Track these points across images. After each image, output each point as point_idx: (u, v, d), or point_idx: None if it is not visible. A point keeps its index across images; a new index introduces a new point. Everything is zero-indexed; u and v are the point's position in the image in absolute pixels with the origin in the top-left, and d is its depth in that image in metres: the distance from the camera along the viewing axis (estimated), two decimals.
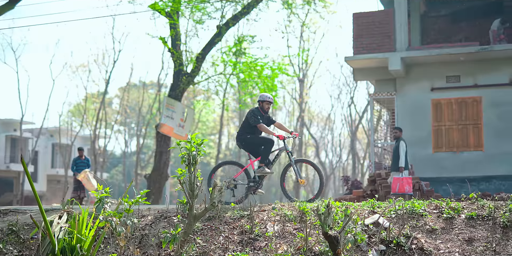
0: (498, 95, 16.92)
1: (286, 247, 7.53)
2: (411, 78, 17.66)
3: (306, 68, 45.31)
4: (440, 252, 7.42)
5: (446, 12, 21.57)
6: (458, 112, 17.10)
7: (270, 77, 18.67)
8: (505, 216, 7.91)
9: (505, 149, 16.63)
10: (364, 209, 8.63)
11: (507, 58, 16.88)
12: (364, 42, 17.66)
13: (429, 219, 8.14)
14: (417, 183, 14.03)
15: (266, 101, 10.81)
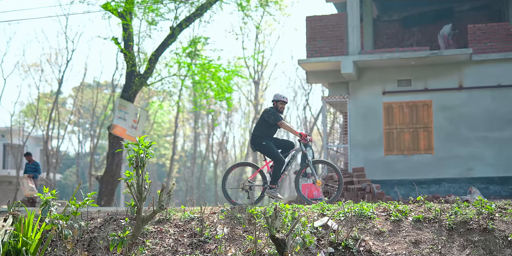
0: (447, 99, 17.24)
1: (235, 250, 7.52)
2: (363, 81, 17.86)
3: (261, 70, 45.43)
4: (388, 254, 7.50)
5: (398, 17, 21.91)
6: (409, 116, 17.37)
7: (224, 79, 18.66)
8: (450, 218, 8.05)
9: (454, 152, 16.96)
10: (313, 211, 8.68)
11: (457, 63, 17.22)
12: (317, 45, 17.80)
13: (377, 222, 8.23)
14: (368, 185, 14.18)
15: (281, 101, 10.58)
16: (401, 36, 22.08)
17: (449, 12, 21.05)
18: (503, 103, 16.84)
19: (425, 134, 17.23)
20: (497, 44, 17.03)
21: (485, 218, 7.99)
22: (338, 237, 7.68)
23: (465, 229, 7.86)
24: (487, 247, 7.47)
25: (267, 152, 10.34)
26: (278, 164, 10.23)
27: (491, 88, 17.00)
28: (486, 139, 16.84)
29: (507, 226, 7.83)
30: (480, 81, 17.10)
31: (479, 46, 17.10)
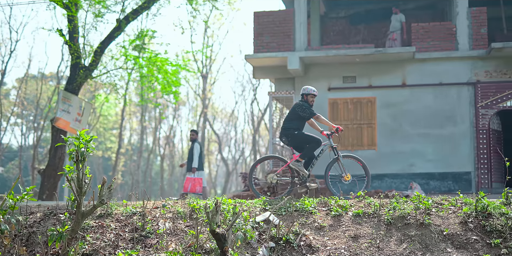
0: (391, 96, 17.55)
1: (176, 245, 7.52)
2: (309, 77, 18.03)
3: (209, 64, 45.30)
4: (327, 248, 7.62)
5: (345, 14, 22.17)
6: (354, 112, 17.62)
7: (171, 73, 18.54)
8: (389, 213, 8.22)
9: (396, 148, 17.28)
10: (256, 206, 8.74)
11: (400, 61, 17.54)
12: (265, 40, 17.88)
13: (318, 217, 8.34)
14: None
15: (311, 94, 10.45)
16: (348, 33, 22.35)
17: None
18: (444, 101, 17.24)
19: (368, 130, 17.51)
20: (440, 43, 17.41)
21: (422, 213, 8.19)
22: (279, 232, 7.76)
23: (402, 223, 8.04)
24: (423, 241, 7.66)
25: (301, 138, 10.26)
26: (316, 144, 10.22)
27: (433, 86, 17.38)
28: (427, 135, 17.22)
29: (443, 221, 8.04)
30: (422, 79, 17.46)
31: (422, 45, 17.45)
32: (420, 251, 7.49)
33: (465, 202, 8.58)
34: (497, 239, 7.56)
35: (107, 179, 7.04)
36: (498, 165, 16.93)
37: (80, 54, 16.54)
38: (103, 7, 17.00)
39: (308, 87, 10.45)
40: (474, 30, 17.34)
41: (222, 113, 58.62)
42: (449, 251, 7.46)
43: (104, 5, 16.91)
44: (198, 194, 14.09)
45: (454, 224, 7.96)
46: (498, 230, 7.72)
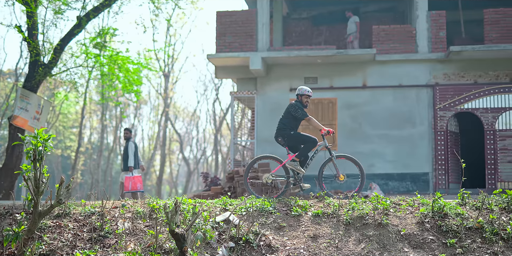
0: (352, 97, 17.71)
1: (135, 245, 7.48)
2: (271, 78, 18.09)
3: (172, 63, 45.07)
4: (287, 248, 7.66)
5: (308, 15, 22.30)
6: (315, 113, 17.72)
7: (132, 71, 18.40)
8: (348, 214, 8.30)
9: (356, 149, 17.44)
10: (216, 206, 8.74)
11: (361, 62, 17.72)
12: (227, 40, 17.87)
13: (278, 217, 8.38)
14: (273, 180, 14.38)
15: (305, 95, 10.45)
16: (310, 34, 22.48)
17: (356, 12, 21.58)
18: (403, 102, 17.47)
19: None
20: (400, 45, 17.63)
21: (381, 213, 8.30)
22: (239, 231, 7.78)
23: (361, 224, 8.13)
24: (381, 241, 7.76)
25: (297, 138, 10.27)
26: (312, 144, 10.21)
27: (393, 87, 17.60)
28: (387, 136, 17.42)
29: (401, 221, 8.16)
30: (383, 80, 17.67)
31: (383, 47, 17.65)
32: (378, 251, 7.58)
33: (422, 203, 8.72)
34: (453, 239, 7.70)
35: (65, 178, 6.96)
36: (455, 166, 17.23)
37: (39, 51, 16.28)
38: (63, 3, 16.77)
39: (302, 88, 10.47)
40: (433, 33, 17.61)
41: (184, 112, 58.38)
42: (406, 251, 7.57)
43: (65, 2, 16.69)
44: (141, 191, 14.15)
45: (411, 224, 8.08)
46: (454, 230, 7.86)
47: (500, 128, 17.07)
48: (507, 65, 17.28)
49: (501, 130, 17.02)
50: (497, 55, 17.06)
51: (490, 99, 17.18)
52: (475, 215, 8.22)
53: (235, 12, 18.17)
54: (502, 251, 7.45)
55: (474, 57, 17.24)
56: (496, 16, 17.26)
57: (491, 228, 7.81)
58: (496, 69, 17.31)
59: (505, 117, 17.10)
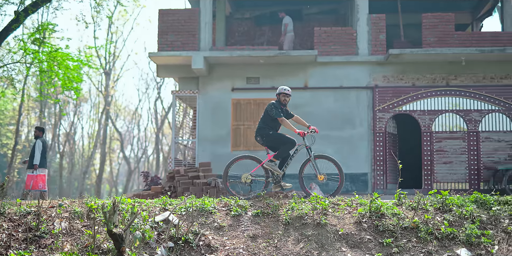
0: (293, 98, 17.72)
1: (72, 245, 7.36)
2: (213, 77, 18.06)
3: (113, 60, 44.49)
4: (226, 248, 7.68)
5: (251, 15, 22.34)
6: (257, 113, 17.78)
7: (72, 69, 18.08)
8: (287, 213, 8.38)
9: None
10: (156, 206, 8.69)
11: (303, 63, 17.86)
12: (169, 39, 17.76)
13: (218, 217, 8.39)
14: (213, 180, 14.38)
15: (283, 94, 10.41)
16: (253, 34, 22.54)
17: (299, 14, 21.77)
18: (344, 103, 17.70)
19: None
20: (341, 47, 17.86)
21: (319, 213, 8.40)
22: (179, 231, 7.75)
23: (300, 223, 8.21)
24: (320, 240, 7.86)
25: (276, 138, 10.23)
26: (291, 145, 10.18)
27: (334, 89, 17.81)
28: (327, 137, 17.61)
29: (339, 221, 8.28)
30: (324, 81, 17.86)
31: (324, 49, 17.84)
32: (316, 251, 7.67)
33: (360, 203, 8.87)
34: (389, 238, 7.86)
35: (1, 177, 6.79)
36: (393, 167, 17.57)
37: None
38: None
39: (281, 87, 10.50)
40: (373, 36, 17.91)
41: (125, 110, 57.73)
42: (343, 250, 7.69)
43: None
44: (43, 190, 14.03)
45: (349, 224, 8.21)
46: (390, 230, 8.02)
47: (436, 130, 17.50)
48: (444, 69, 17.72)
49: (437, 132, 17.44)
50: (434, 58, 17.48)
51: (427, 102, 17.59)
52: (411, 215, 8.41)
53: (177, 11, 18.07)
54: (436, 250, 7.65)
55: (412, 60, 17.62)
56: (434, 21, 17.67)
57: (426, 228, 8.00)
58: (433, 73, 17.73)
59: (441, 119, 17.53)
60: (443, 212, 8.57)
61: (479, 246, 7.79)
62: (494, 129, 17.39)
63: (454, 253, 7.61)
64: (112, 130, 51.29)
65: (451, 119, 17.46)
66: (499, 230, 8.17)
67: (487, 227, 8.22)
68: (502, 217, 8.45)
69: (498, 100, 17.42)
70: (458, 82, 17.65)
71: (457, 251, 7.63)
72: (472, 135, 17.38)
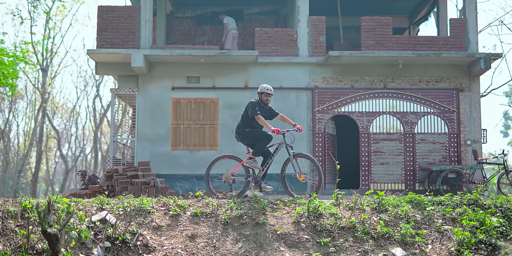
0: (233, 98, 17.84)
1: (5, 245, 7.18)
2: (153, 76, 17.90)
3: (50, 57, 43.53)
4: (164, 248, 7.63)
5: (192, 15, 22.28)
6: (197, 112, 17.73)
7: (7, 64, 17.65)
8: (226, 213, 8.39)
9: (236, 148, 17.54)
10: (93, 205, 8.56)
11: (243, 64, 17.89)
12: (109, 36, 17.51)
13: (156, 216, 8.33)
14: (152, 179, 14.24)
15: (265, 93, 10.19)
16: (194, 33, 22.47)
17: (240, 14, 21.82)
18: (284, 104, 17.80)
19: (211, 131, 17.71)
20: (281, 48, 17.97)
21: (258, 213, 8.44)
22: (116, 231, 7.66)
23: (239, 223, 8.24)
24: (258, 240, 7.90)
25: (252, 135, 10.18)
26: (265, 140, 10.09)
27: (274, 89, 17.84)
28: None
29: (277, 221, 8.34)
30: (264, 82, 17.86)
31: (265, 49, 17.92)
32: (254, 250, 7.71)
33: (299, 203, 8.95)
34: (326, 238, 7.96)
35: None
36: (331, 168, 17.78)
37: None
38: None
39: (262, 86, 10.38)
40: (313, 37, 18.09)
41: (62, 108, 56.58)
42: (282, 250, 7.75)
43: None
44: None
45: (288, 224, 8.28)
46: (328, 230, 8.13)
47: (374, 131, 17.81)
48: (382, 71, 18.05)
49: (375, 133, 17.76)
50: (372, 61, 17.78)
51: (365, 103, 17.89)
52: (348, 215, 8.54)
53: (117, 8, 17.83)
54: (372, 250, 7.79)
55: (351, 62, 17.88)
56: (373, 24, 17.98)
57: (363, 228, 8.14)
58: (372, 75, 18.04)
59: (379, 121, 17.86)
60: (379, 212, 8.74)
61: (413, 245, 7.98)
62: (429, 131, 17.83)
63: (389, 252, 7.76)
64: (49, 128, 50.23)
65: (388, 121, 17.81)
66: (433, 229, 8.38)
67: (421, 226, 8.43)
68: (436, 217, 8.67)
69: (433, 103, 17.86)
70: (395, 85, 18.02)
71: (392, 250, 7.79)
72: (408, 136, 17.77)
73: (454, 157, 17.68)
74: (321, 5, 20.10)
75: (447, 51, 17.60)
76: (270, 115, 10.53)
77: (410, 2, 21.80)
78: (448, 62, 17.83)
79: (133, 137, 18.24)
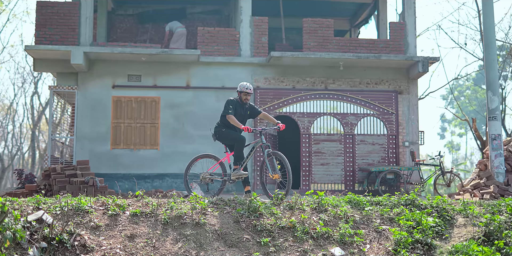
0: (175, 97, 17.73)
1: None
2: (93, 73, 17.62)
3: None
4: (102, 248, 7.52)
5: (134, 12, 22.05)
6: (138, 111, 17.54)
7: None
8: (166, 213, 8.32)
9: (178, 148, 17.51)
10: (29, 204, 8.36)
11: (186, 63, 17.80)
12: (48, 32, 17.15)
13: (94, 216, 8.19)
14: (91, 179, 14.02)
15: (244, 92, 9.96)
16: (135, 31, 22.23)
17: (182, 13, 21.70)
18: None
19: (152, 130, 17.55)
20: (224, 48, 17.96)
21: (198, 213, 8.41)
22: (53, 231, 7.50)
23: (179, 223, 8.18)
24: (198, 240, 7.86)
25: (227, 136, 10.02)
26: (239, 144, 9.91)
27: (216, 89, 17.87)
28: (208, 137, 17.48)
29: (218, 221, 8.32)
30: (206, 81, 17.88)
31: (207, 49, 17.87)
32: (194, 250, 7.67)
33: (239, 203, 8.96)
34: (267, 238, 7.99)
35: None
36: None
37: None
38: None
39: (241, 84, 10.20)
40: (256, 38, 18.14)
41: None
42: (222, 250, 7.74)
43: None
44: None
45: (228, 224, 8.27)
46: (268, 229, 8.16)
47: (315, 132, 17.99)
48: (323, 73, 18.24)
49: (316, 134, 17.94)
50: (314, 62, 17.95)
51: (306, 104, 18.05)
52: (288, 215, 8.59)
53: (57, 3, 17.46)
54: (311, 249, 7.86)
55: (293, 63, 18.01)
56: (314, 26, 18.16)
57: (302, 227, 8.21)
58: (313, 76, 18.22)
59: (319, 122, 18.05)
60: (319, 212, 8.82)
61: (352, 245, 8.08)
62: (368, 133, 18.13)
63: (328, 252, 7.85)
64: None
65: (329, 122, 18.02)
66: (371, 229, 8.52)
67: (360, 226, 8.55)
68: (374, 217, 8.82)
69: (373, 104, 18.16)
70: (336, 86, 18.24)
71: (332, 250, 7.88)
72: (348, 137, 18.02)
73: (393, 158, 18.02)
74: (263, 6, 20.18)
75: (387, 54, 17.94)
76: (252, 113, 10.43)
77: (351, 5, 22.11)
78: (387, 65, 18.17)
79: (72, 135, 17.91)
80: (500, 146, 13.46)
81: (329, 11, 22.16)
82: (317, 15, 21.38)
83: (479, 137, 21.38)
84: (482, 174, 13.81)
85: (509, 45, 23.03)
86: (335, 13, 22.50)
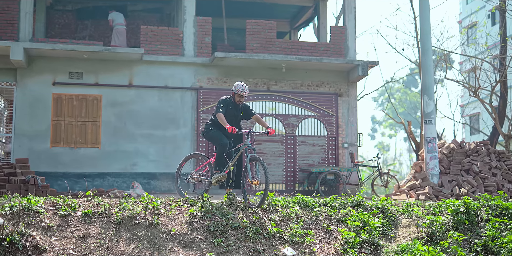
0: (117, 95, 17.57)
1: None
2: (33, 70, 17.26)
3: None
4: (55, 249, 7.47)
5: (73, 8, 21.74)
6: (79, 109, 17.29)
7: None
8: (118, 213, 8.30)
9: (119, 147, 17.37)
10: None
11: (128, 61, 17.65)
12: None
13: (45, 216, 8.11)
14: (32, 177, 13.76)
15: (238, 94, 9.76)
16: (74, 27, 21.89)
17: (123, 10, 21.46)
18: (168, 103, 17.77)
19: (93, 128, 17.34)
20: (167, 47, 17.91)
21: (151, 213, 8.43)
22: (4, 232, 7.40)
23: (132, 223, 8.19)
24: (152, 241, 7.90)
25: (211, 137, 9.85)
26: (219, 148, 9.68)
27: (159, 88, 17.80)
28: (150, 136, 17.58)
29: (171, 221, 8.37)
30: (149, 80, 17.78)
31: (150, 47, 17.78)
32: (148, 251, 7.71)
33: (191, 203, 9.03)
34: (220, 238, 8.10)
35: None
36: None
37: None
38: None
39: (236, 85, 10.02)
40: (199, 38, 18.16)
41: None
42: (175, 250, 7.80)
43: None
44: None
45: (181, 224, 8.34)
46: (221, 230, 8.27)
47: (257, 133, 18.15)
48: (265, 74, 18.44)
49: (258, 135, 18.12)
50: (257, 64, 18.12)
51: (249, 105, 18.16)
52: (240, 215, 8.72)
53: None
54: (264, 249, 8.01)
55: (236, 64, 18.13)
56: (257, 27, 18.33)
57: (255, 228, 8.35)
58: (256, 77, 18.39)
59: None
60: (270, 212, 8.98)
61: (302, 245, 8.28)
62: (309, 134, 18.44)
63: (280, 252, 8.02)
64: None
65: (270, 123, 18.21)
66: (320, 229, 8.74)
67: (309, 227, 8.77)
68: (323, 217, 9.05)
69: (314, 106, 18.49)
70: (278, 88, 18.48)
71: (284, 250, 8.05)
72: (290, 138, 18.29)
73: (332, 159, 18.39)
74: (206, 6, 20.22)
75: (328, 57, 18.30)
76: (246, 115, 10.33)
77: (292, 7, 22.41)
78: (328, 68, 18.53)
79: (9, 132, 17.50)
80: (435, 148, 13.99)
81: (270, 12, 22.39)
82: (257, 16, 21.57)
83: (414, 139, 22.02)
84: (417, 175, 14.32)
85: (440, 51, 23.82)
86: (276, 14, 22.75)
